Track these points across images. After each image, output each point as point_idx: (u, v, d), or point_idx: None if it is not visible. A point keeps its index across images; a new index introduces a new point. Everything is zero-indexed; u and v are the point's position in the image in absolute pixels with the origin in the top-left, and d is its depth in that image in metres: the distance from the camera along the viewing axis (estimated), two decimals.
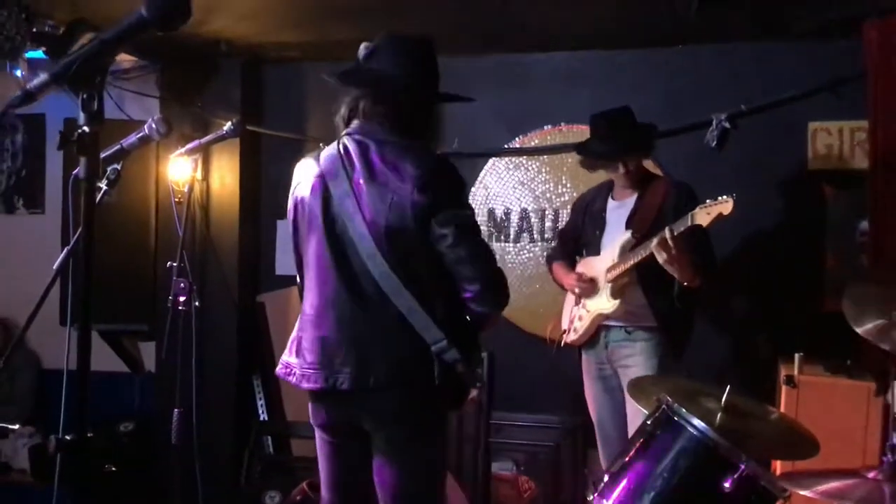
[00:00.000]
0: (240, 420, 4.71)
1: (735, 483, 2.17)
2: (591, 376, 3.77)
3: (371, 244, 2.47)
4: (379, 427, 2.58)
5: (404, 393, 2.52)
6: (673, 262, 3.35)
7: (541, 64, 4.66)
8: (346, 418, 2.62)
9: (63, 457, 1.56)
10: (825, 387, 3.42)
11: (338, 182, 2.54)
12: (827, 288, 4.16)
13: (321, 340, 2.56)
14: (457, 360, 2.47)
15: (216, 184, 4.86)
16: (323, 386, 2.54)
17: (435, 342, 2.46)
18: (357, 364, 2.50)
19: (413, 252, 2.49)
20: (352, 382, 2.49)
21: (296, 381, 2.62)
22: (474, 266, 2.49)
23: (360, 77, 2.66)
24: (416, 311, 2.46)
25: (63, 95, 1.59)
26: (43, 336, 3.78)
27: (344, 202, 2.52)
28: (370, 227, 2.47)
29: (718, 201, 3.23)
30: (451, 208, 2.49)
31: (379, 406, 2.53)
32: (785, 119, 4.25)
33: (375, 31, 2.74)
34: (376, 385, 2.48)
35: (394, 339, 2.49)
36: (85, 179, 1.53)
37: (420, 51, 2.67)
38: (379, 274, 2.47)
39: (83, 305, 1.56)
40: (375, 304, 2.49)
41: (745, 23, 4.03)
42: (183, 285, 3.88)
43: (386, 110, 2.59)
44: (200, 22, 4.05)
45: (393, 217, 2.46)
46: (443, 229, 2.46)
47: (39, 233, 5.23)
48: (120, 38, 1.53)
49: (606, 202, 3.79)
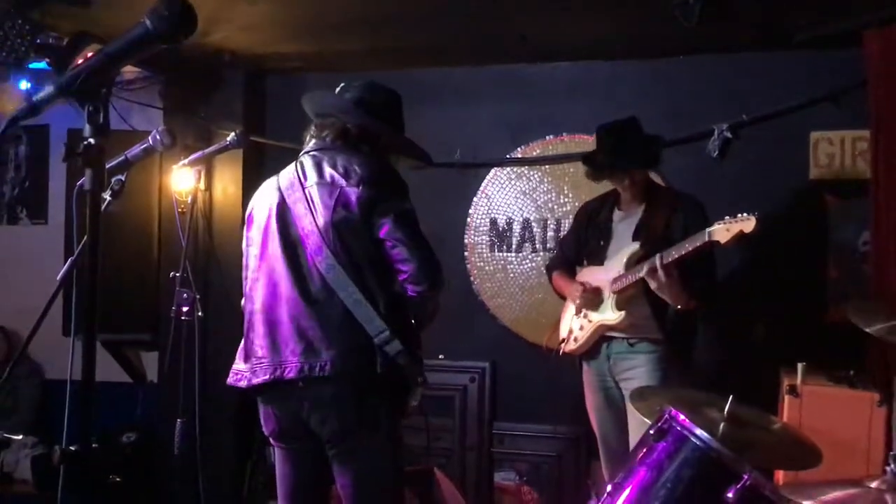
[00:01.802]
0: (242, 431, 4.70)
1: (738, 493, 2.16)
2: (592, 388, 3.76)
3: (319, 240, 2.64)
4: (324, 419, 2.65)
5: (348, 381, 2.62)
6: (663, 290, 3.35)
7: (543, 74, 4.68)
8: (293, 416, 2.70)
9: (67, 467, 1.56)
10: (828, 397, 3.41)
11: (293, 190, 2.76)
12: (829, 298, 4.16)
13: (271, 335, 2.69)
14: (399, 351, 2.59)
15: (219, 194, 4.87)
16: (269, 377, 2.66)
17: (378, 333, 2.58)
18: (303, 354, 2.62)
19: (358, 246, 2.64)
20: (298, 371, 2.61)
21: (247, 383, 2.73)
22: (410, 249, 2.63)
23: (325, 103, 2.93)
24: (361, 304, 2.59)
25: (67, 106, 1.60)
26: (46, 347, 3.79)
27: (296, 206, 2.72)
28: (318, 225, 2.65)
29: (739, 218, 3.14)
30: (392, 201, 2.68)
31: (322, 395, 2.63)
32: (786, 129, 4.25)
33: (377, 42, 2.78)
34: (321, 374, 2.59)
35: (338, 332, 2.61)
36: (90, 191, 1.54)
37: (388, 96, 2.93)
38: (325, 268, 2.63)
39: (88, 316, 1.56)
40: (322, 298, 2.64)
41: (746, 33, 4.04)
42: (186, 295, 3.89)
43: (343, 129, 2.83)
44: (204, 33, 4.07)
45: (339, 211, 2.65)
46: (383, 218, 2.64)
47: (42, 243, 5.24)
48: (125, 51, 1.53)
49: (612, 212, 3.77)
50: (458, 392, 4.65)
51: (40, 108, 1.55)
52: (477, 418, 4.65)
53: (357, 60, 4.67)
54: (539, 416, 4.55)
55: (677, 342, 3.55)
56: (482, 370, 4.66)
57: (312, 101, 2.95)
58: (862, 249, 4.11)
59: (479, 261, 4.75)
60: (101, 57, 1.53)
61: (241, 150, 4.32)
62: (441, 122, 4.62)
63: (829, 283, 4.19)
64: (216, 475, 4.30)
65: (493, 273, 4.73)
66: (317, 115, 2.93)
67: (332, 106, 2.90)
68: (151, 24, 1.50)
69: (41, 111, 1.56)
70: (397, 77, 4.76)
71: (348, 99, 2.87)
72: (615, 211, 3.77)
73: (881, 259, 3.72)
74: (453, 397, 4.65)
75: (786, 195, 4.28)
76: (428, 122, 4.60)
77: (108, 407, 4.93)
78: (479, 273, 4.74)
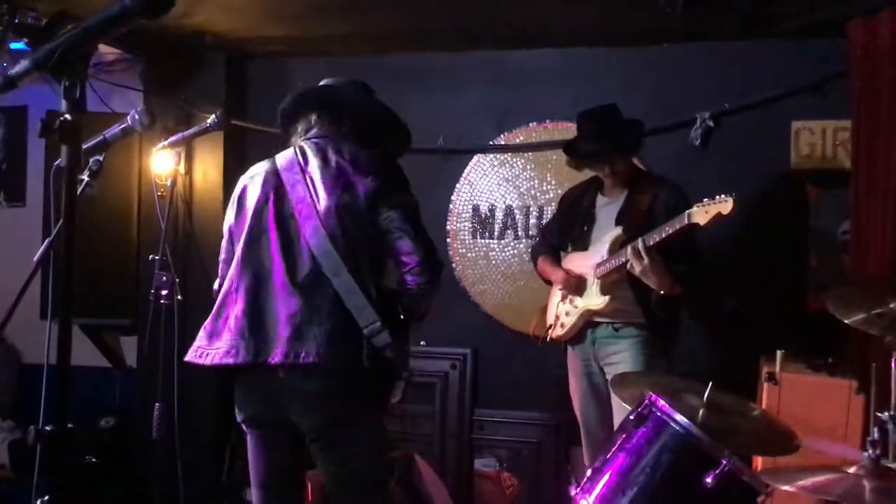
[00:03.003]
0: (221, 415, 4.67)
1: (717, 478, 2.18)
2: (576, 374, 3.77)
3: (318, 223, 2.59)
4: (305, 411, 2.60)
5: (333, 375, 2.55)
6: (647, 274, 3.37)
7: (527, 61, 4.66)
8: (271, 403, 2.63)
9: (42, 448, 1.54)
10: (806, 384, 3.43)
11: (292, 172, 2.70)
12: (810, 286, 4.19)
13: (254, 317, 2.60)
14: (388, 343, 2.54)
15: (199, 177, 4.83)
16: (250, 358, 2.56)
17: (368, 324, 2.52)
18: (289, 340, 2.53)
19: (357, 234, 2.60)
20: (283, 356, 2.52)
21: (213, 361, 2.62)
22: (415, 241, 2.60)
23: (321, 95, 2.88)
24: (354, 292, 2.54)
25: (46, 87, 1.58)
26: (23, 330, 3.75)
27: (295, 187, 2.67)
28: (319, 209, 2.62)
29: (717, 200, 3.21)
30: (400, 194, 2.67)
31: (306, 387, 2.56)
32: (769, 118, 4.26)
33: (361, 26, 2.77)
34: (305, 361, 2.51)
35: (327, 320, 2.54)
36: (66, 169, 1.52)
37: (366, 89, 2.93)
38: (321, 252, 2.57)
39: (64, 299, 1.54)
40: (313, 284, 2.58)
41: (730, 22, 4.05)
42: (165, 279, 3.86)
43: (343, 125, 2.81)
44: (185, 14, 4.02)
45: (344, 197, 2.62)
46: (391, 210, 2.62)
47: (21, 226, 5.18)
48: (103, 26, 1.51)
49: (595, 198, 3.79)
50: (440, 378, 4.65)
51: (15, 83, 1.53)
52: (458, 405, 4.65)
53: (340, 45, 4.64)
54: (519, 402, 4.56)
55: (661, 328, 3.57)
56: (463, 357, 4.66)
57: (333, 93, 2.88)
58: (841, 238, 4.14)
59: (462, 247, 4.74)
60: (78, 32, 1.51)
61: (222, 133, 4.29)
62: (424, 107, 4.60)
63: (808, 271, 4.21)
64: (195, 460, 4.28)
65: (475, 260, 4.72)
66: (328, 106, 2.85)
67: (360, 102, 2.87)
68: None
69: (16, 86, 1.54)
70: (380, 62, 4.77)
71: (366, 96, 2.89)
72: (598, 196, 3.79)
73: (860, 248, 3.75)
74: (434, 384, 4.65)
75: (767, 184, 4.29)
76: (411, 107, 4.54)
77: (87, 391, 4.92)
78: (461, 260, 4.74)
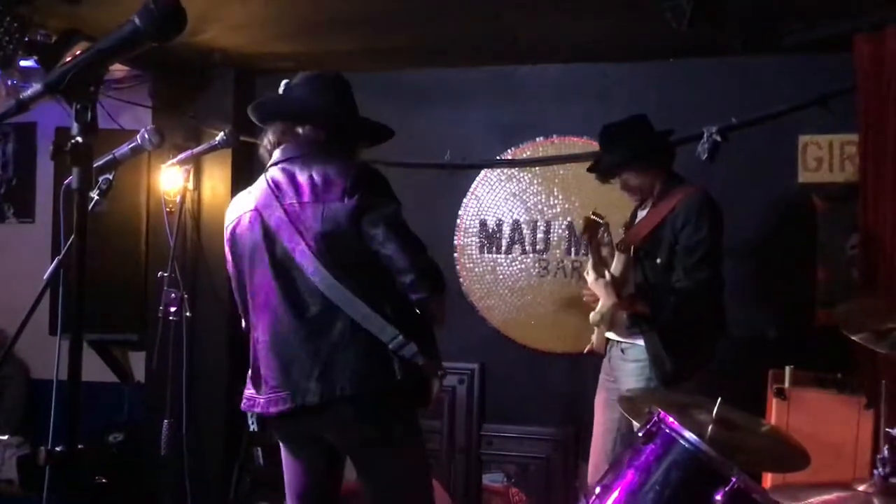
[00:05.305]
0: (230, 431, 4.68)
1: (727, 496, 2.16)
2: (600, 386, 3.73)
3: (314, 261, 2.54)
4: (345, 435, 2.62)
5: (369, 396, 2.54)
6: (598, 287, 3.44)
7: (533, 76, 4.68)
8: (312, 431, 2.66)
9: (52, 468, 1.55)
10: (816, 400, 3.42)
11: (271, 211, 2.63)
12: (818, 301, 4.17)
13: (281, 365, 2.60)
14: (415, 353, 2.52)
15: (208, 194, 4.85)
16: (291, 406, 2.57)
17: (391, 339, 2.51)
18: (321, 378, 2.52)
19: (353, 257, 2.56)
20: (320, 396, 2.52)
21: (262, 410, 2.65)
22: (405, 257, 2.54)
23: (282, 105, 2.82)
24: (370, 316, 2.51)
25: (55, 104, 1.59)
26: (32, 346, 3.76)
27: (280, 228, 2.60)
28: (309, 245, 2.55)
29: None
30: (378, 207, 2.57)
31: (343, 415, 2.55)
32: (776, 132, 4.26)
33: (369, 42, 2.76)
34: (342, 394, 2.51)
35: (352, 348, 2.53)
36: (77, 190, 1.52)
37: (335, 84, 2.82)
38: (326, 287, 2.53)
39: (75, 315, 1.55)
40: (326, 318, 2.55)
41: (736, 37, 4.05)
42: (174, 295, 3.88)
43: (308, 133, 2.73)
44: (194, 32, 4.05)
45: (327, 226, 2.55)
46: (373, 229, 2.55)
47: (29, 242, 5.21)
48: (115, 48, 1.52)
49: (636, 212, 3.74)
50: (447, 393, 4.64)
51: (28, 106, 1.54)
52: (465, 420, 4.65)
53: (348, 60, 4.66)
54: (527, 417, 4.54)
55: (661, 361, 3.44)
56: (471, 371, 4.65)
57: (282, 105, 2.81)
58: (850, 253, 4.12)
59: (469, 262, 4.74)
60: (90, 54, 1.52)
61: (231, 149, 4.31)
62: (432, 123, 4.62)
63: (817, 286, 4.20)
64: (203, 476, 4.28)
65: (482, 275, 4.72)
66: (285, 118, 2.76)
67: (315, 108, 2.77)
68: (141, 21, 1.50)
69: (28, 109, 1.55)
70: (388, 78, 4.78)
71: (325, 97, 2.77)
72: (638, 211, 3.73)
73: (869, 263, 3.74)
74: (442, 399, 4.65)
75: (775, 198, 4.29)
76: (418, 122, 4.60)
77: (95, 407, 4.91)
78: (468, 274, 4.74)
